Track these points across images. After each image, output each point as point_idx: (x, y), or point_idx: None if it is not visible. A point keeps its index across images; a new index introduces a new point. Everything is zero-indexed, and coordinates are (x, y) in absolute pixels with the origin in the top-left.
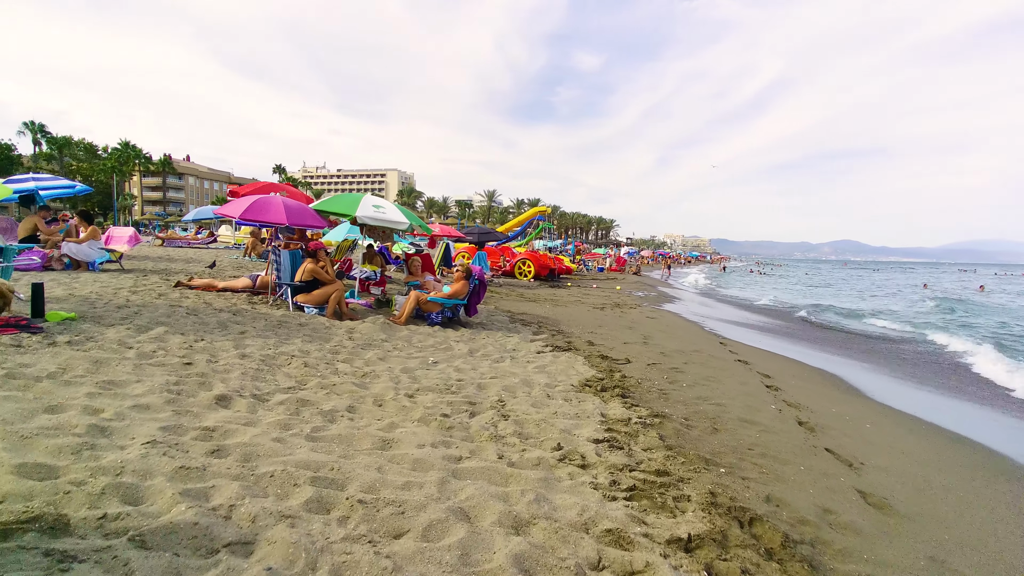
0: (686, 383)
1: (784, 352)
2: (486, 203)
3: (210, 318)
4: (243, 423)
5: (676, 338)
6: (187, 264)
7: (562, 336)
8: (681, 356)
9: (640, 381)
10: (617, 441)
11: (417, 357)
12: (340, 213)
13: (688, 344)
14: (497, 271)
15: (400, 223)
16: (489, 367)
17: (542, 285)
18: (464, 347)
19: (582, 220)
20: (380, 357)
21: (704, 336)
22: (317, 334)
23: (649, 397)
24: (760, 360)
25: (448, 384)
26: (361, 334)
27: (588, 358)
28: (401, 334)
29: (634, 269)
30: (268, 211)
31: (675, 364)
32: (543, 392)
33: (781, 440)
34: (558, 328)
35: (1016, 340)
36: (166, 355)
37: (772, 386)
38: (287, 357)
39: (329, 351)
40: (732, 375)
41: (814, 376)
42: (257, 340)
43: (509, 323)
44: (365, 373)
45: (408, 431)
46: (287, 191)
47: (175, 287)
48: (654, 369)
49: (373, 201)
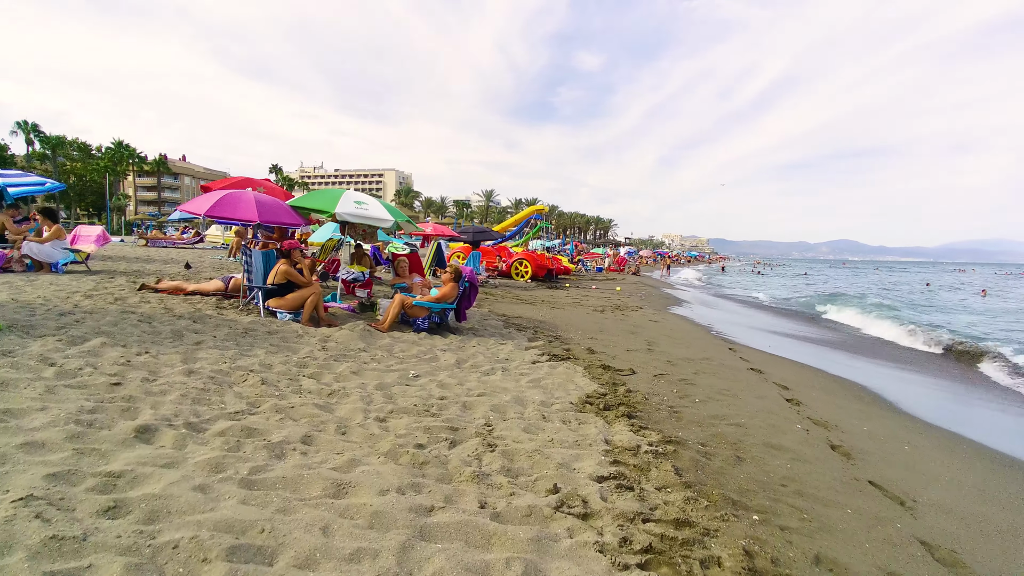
0: (699, 398)
1: (796, 356)
2: (484, 203)
3: (165, 326)
4: (162, 464)
5: (683, 344)
6: (164, 265)
7: (560, 343)
8: (690, 365)
9: (647, 396)
10: (626, 478)
11: (397, 370)
12: (318, 209)
13: (696, 351)
14: (493, 272)
15: (384, 220)
16: (477, 381)
17: (539, 286)
18: (451, 357)
19: (580, 220)
20: (354, 371)
21: (711, 341)
22: (286, 343)
23: (659, 417)
24: (774, 368)
25: (428, 404)
26: (337, 343)
27: (589, 369)
28: (382, 342)
29: (633, 269)
30: (238, 207)
31: (684, 375)
32: (538, 412)
33: (817, 471)
34: (556, 333)
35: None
36: (93, 373)
37: (792, 400)
38: (243, 373)
39: (296, 364)
40: (748, 387)
41: (833, 385)
42: (212, 352)
43: (503, 328)
44: (333, 391)
45: (371, 470)
46: (265, 187)
47: (139, 290)
48: (662, 381)
49: (355, 197)
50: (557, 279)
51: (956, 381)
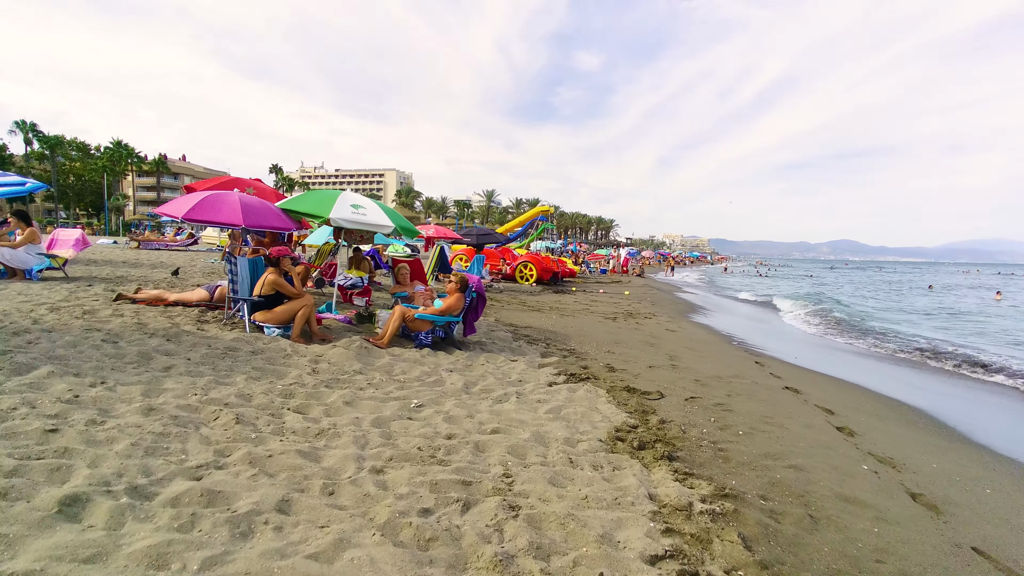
0: (741, 429)
1: (827, 369)
2: (485, 203)
3: (132, 347)
4: (84, 557)
5: (707, 358)
6: (151, 270)
7: (575, 358)
8: (721, 385)
9: (684, 428)
10: (686, 557)
11: (396, 398)
12: (311, 214)
13: (722, 366)
14: (496, 275)
15: (383, 226)
16: (489, 411)
17: (545, 290)
18: (458, 379)
19: (582, 220)
20: (347, 400)
21: (735, 354)
22: (271, 366)
23: (703, 457)
24: (810, 385)
25: (434, 445)
26: (329, 364)
27: (612, 391)
28: (381, 362)
29: (637, 271)
30: (221, 210)
31: (718, 397)
32: (563, 455)
33: (910, 537)
34: (569, 346)
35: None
36: (28, 415)
37: (844, 428)
38: (216, 409)
39: (280, 393)
40: (790, 413)
41: (880, 407)
42: (183, 380)
43: (512, 341)
44: (321, 430)
45: (363, 555)
46: (255, 187)
47: (114, 301)
48: (695, 407)
49: (352, 200)
50: (562, 282)
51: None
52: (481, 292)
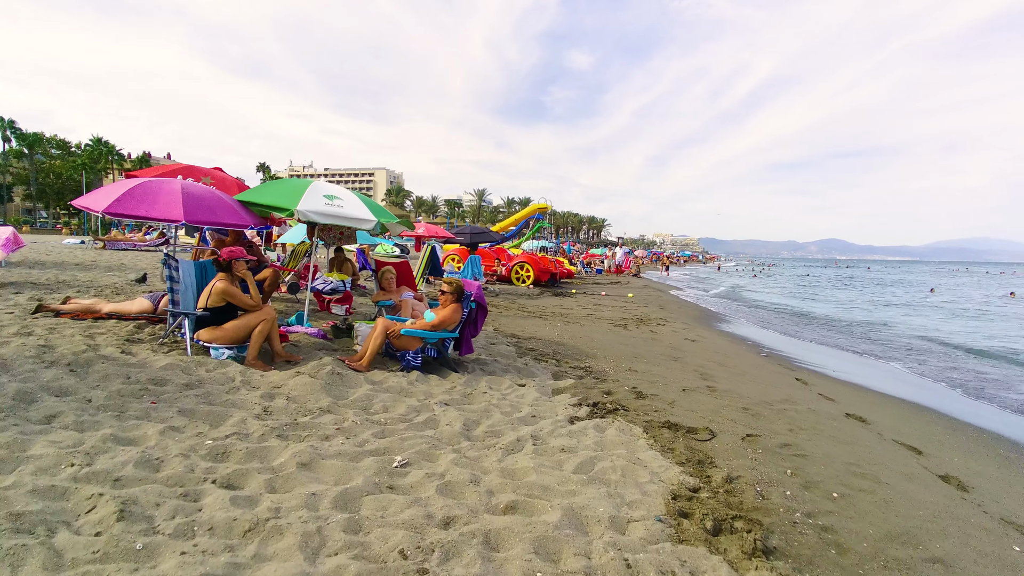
0: (832, 486)
1: (871, 383)
2: (476, 202)
3: (13, 383)
4: None
5: (743, 376)
6: (104, 274)
7: (594, 379)
8: (775, 414)
9: (761, 490)
10: None
11: (374, 451)
12: (274, 207)
13: (765, 387)
14: (491, 276)
15: (363, 221)
16: (500, 471)
17: (544, 292)
18: (456, 417)
19: (573, 220)
20: (304, 461)
21: (772, 369)
22: (208, 406)
23: (807, 545)
24: (872, 410)
25: (425, 544)
26: (289, 399)
27: (650, 430)
28: (356, 393)
29: (634, 271)
30: (155, 202)
31: (780, 434)
32: (614, 551)
33: None
34: (583, 363)
35: None
36: None
37: (951, 479)
38: (94, 493)
39: (209, 454)
40: (877, 456)
41: (958, 435)
42: (62, 440)
43: (517, 357)
44: (255, 524)
45: None
46: (213, 177)
47: (32, 314)
48: (759, 450)
49: (325, 190)
50: (561, 284)
51: None
52: (481, 302)
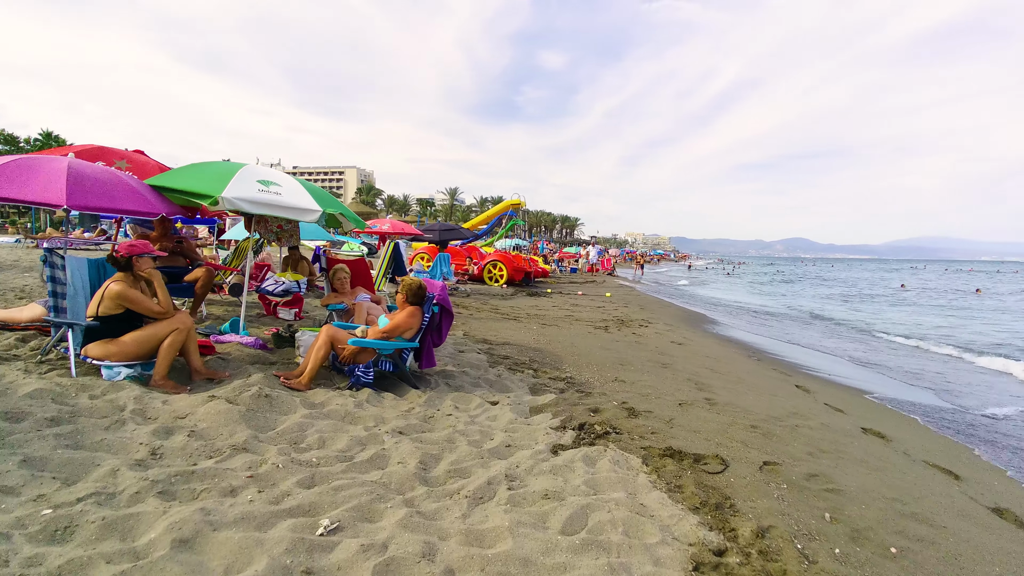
0: (890, 540)
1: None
2: (448, 201)
3: None
4: None
5: (740, 384)
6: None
7: (577, 392)
8: (788, 433)
9: (803, 547)
10: None
11: (291, 507)
12: (192, 193)
13: (768, 397)
14: (463, 276)
15: (306, 211)
16: (463, 532)
17: (518, 292)
18: (410, 452)
19: (547, 218)
20: (185, 537)
21: (768, 375)
22: (73, 448)
23: None
24: (886, 424)
25: None
26: (192, 435)
27: (649, 460)
28: (287, 422)
29: (609, 269)
30: (29, 181)
31: (802, 460)
32: None
33: None
34: (564, 373)
35: None
36: None
37: (1008, 514)
38: None
39: (44, 529)
40: (919, 488)
41: (994, 452)
42: None
43: (488, 368)
44: None
45: None
46: (129, 160)
47: None
48: (784, 486)
49: (259, 174)
50: (535, 283)
51: None
52: (446, 305)
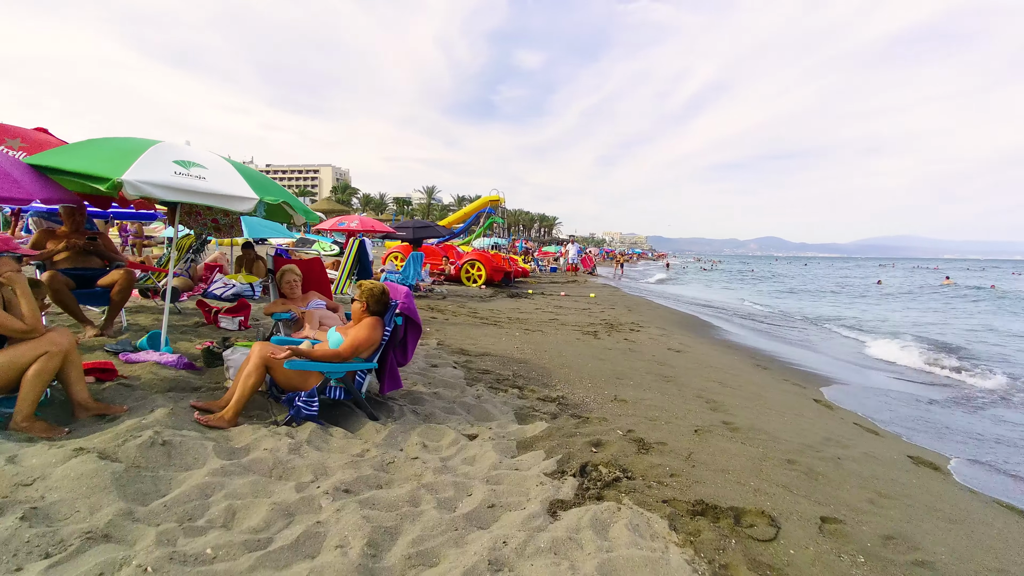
0: None
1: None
2: (426, 200)
3: None
4: None
5: (756, 401)
6: None
7: (574, 420)
8: (832, 469)
9: None
10: None
11: None
12: (84, 174)
13: (792, 418)
14: (439, 276)
15: (235, 199)
16: None
17: (497, 294)
18: (356, 527)
19: (525, 217)
20: None
21: (781, 387)
22: None
23: None
24: (933, 455)
25: None
26: (35, 514)
27: (677, 522)
28: (186, 482)
29: (590, 267)
30: None
31: (870, 517)
32: None
33: None
34: (555, 391)
35: None
36: None
37: None
38: None
39: None
40: (1013, 549)
41: None
42: None
43: (465, 386)
44: None
45: None
46: (26, 139)
47: None
48: (857, 553)
49: (178, 153)
50: (515, 284)
51: None
52: (412, 315)
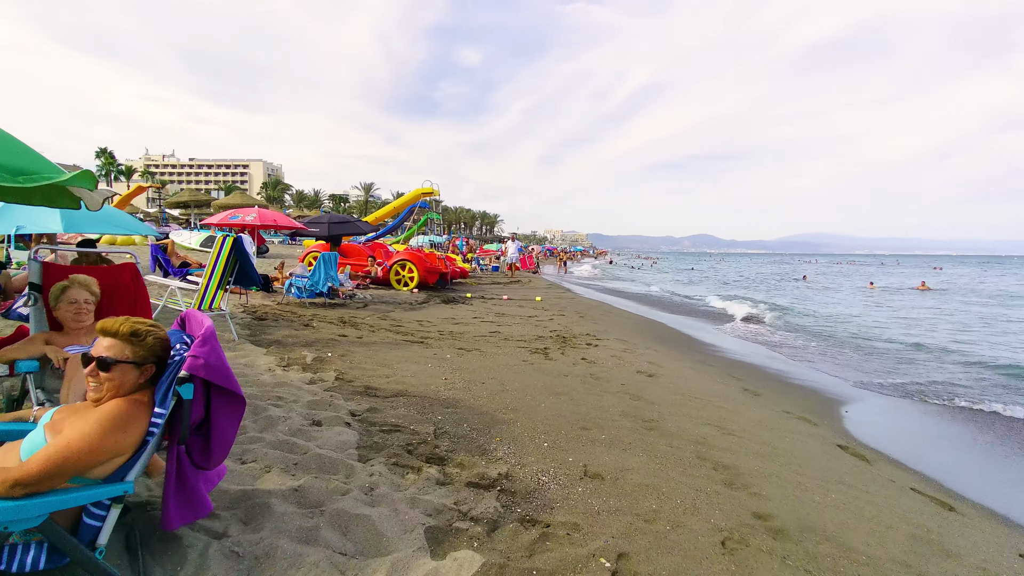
0: None
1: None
2: (363, 197)
3: None
4: None
5: (777, 460)
6: None
7: (525, 528)
8: None
9: None
10: None
11: None
12: None
13: (846, 496)
14: (364, 279)
15: None
16: None
17: (431, 298)
18: None
19: (466, 215)
20: None
21: (794, 428)
22: None
23: None
24: None
25: None
26: None
27: None
28: None
29: (533, 267)
30: None
31: None
32: None
33: None
34: (493, 462)
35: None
36: None
37: None
38: None
39: None
40: None
41: None
42: None
43: (355, 462)
44: None
45: None
46: None
47: None
48: None
49: None
50: (452, 286)
51: None
52: (217, 378)
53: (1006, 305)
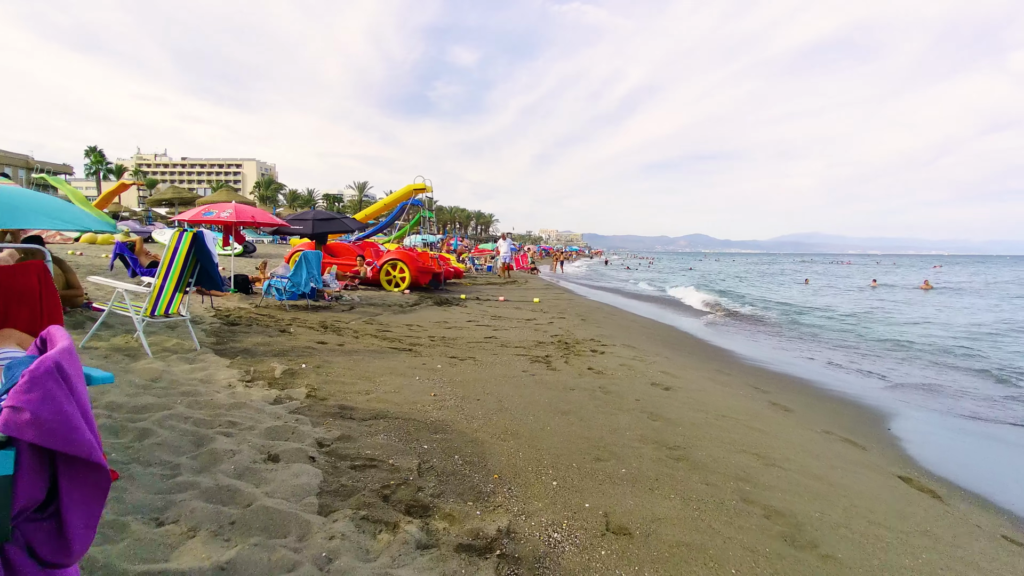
0: None
1: None
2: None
3: None
4: None
5: (834, 501)
6: None
7: None
8: None
9: None
10: None
11: None
12: None
13: (947, 557)
14: (352, 280)
15: None
16: None
17: (423, 300)
18: None
19: (461, 215)
20: None
21: (848, 460)
22: None
23: None
24: None
25: None
26: None
27: None
28: None
29: (530, 267)
30: None
31: None
32: None
33: None
34: (490, 511)
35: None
36: None
37: None
38: None
39: None
40: None
41: None
42: None
43: (313, 516)
44: None
45: None
46: None
47: None
48: None
49: None
50: (445, 287)
51: None
52: (59, 442)
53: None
